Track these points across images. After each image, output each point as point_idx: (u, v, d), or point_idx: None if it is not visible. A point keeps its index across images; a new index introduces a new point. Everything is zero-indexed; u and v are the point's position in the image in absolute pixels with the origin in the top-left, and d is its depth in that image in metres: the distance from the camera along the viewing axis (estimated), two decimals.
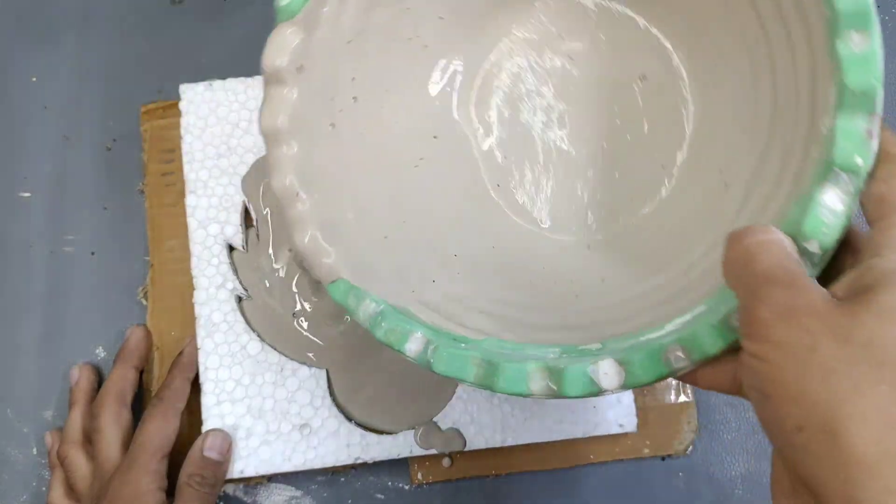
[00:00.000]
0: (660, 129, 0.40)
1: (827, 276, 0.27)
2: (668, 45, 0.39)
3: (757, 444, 0.48)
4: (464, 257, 0.39)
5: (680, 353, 0.28)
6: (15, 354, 0.49)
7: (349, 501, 0.47)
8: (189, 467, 0.43)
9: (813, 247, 0.27)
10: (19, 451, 0.48)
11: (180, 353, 0.46)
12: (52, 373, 0.49)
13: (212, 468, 0.43)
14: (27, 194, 0.51)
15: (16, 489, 0.48)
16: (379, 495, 0.47)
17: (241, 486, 0.47)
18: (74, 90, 0.52)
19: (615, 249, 0.40)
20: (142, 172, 0.50)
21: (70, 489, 0.44)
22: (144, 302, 0.49)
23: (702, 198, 0.37)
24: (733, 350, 0.28)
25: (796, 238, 0.27)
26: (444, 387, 0.46)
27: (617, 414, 0.45)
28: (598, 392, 0.29)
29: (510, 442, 0.45)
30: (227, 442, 0.44)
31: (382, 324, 0.33)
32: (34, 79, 0.53)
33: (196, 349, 0.46)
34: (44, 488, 0.47)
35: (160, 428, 0.43)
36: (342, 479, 0.47)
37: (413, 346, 0.32)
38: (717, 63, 0.37)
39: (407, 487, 0.47)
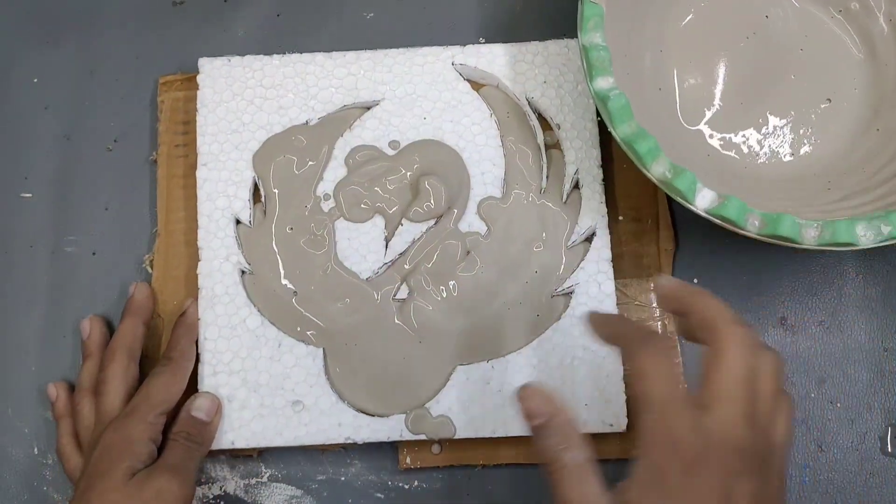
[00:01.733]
0: None
1: None
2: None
3: None
4: None
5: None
6: (15, 354, 0.49)
7: (349, 501, 0.47)
8: (177, 425, 0.44)
9: None
10: (20, 451, 0.48)
11: (182, 314, 0.47)
12: (52, 372, 0.49)
13: (199, 427, 0.44)
14: (28, 194, 0.51)
15: (16, 488, 0.48)
16: (379, 494, 0.47)
17: (242, 485, 0.47)
18: (75, 90, 0.53)
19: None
20: (155, 142, 0.51)
21: (76, 436, 0.45)
22: (150, 270, 0.49)
23: None
24: None
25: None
26: (438, 374, 0.46)
27: (606, 413, 0.45)
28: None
29: (500, 433, 0.45)
30: (214, 404, 0.45)
31: None
32: (35, 79, 0.53)
33: (197, 311, 0.46)
34: (45, 487, 0.48)
35: (167, 384, 0.44)
36: (342, 479, 0.47)
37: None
38: None
39: (407, 487, 0.47)
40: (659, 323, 0.48)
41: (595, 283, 0.47)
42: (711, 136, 0.49)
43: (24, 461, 0.48)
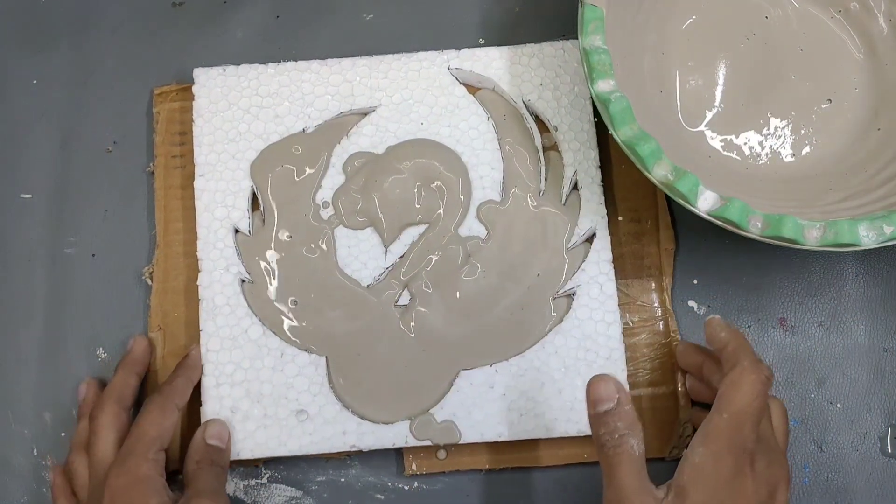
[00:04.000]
0: None
1: None
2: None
3: None
4: None
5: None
6: (16, 357, 0.49)
7: (349, 502, 0.47)
8: (195, 455, 0.44)
9: None
10: (20, 454, 0.48)
11: (186, 356, 0.46)
12: (52, 376, 0.49)
13: (216, 453, 0.44)
14: (28, 196, 0.51)
15: (17, 492, 0.48)
16: (378, 496, 0.47)
17: (241, 486, 0.47)
18: (75, 93, 0.52)
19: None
20: (152, 154, 0.51)
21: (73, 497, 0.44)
22: (149, 282, 0.49)
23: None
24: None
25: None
26: (442, 379, 0.46)
27: None
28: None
29: (505, 437, 0.45)
30: (226, 430, 0.45)
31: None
32: (35, 82, 0.53)
33: (199, 356, 0.46)
34: (45, 489, 0.48)
35: (157, 420, 0.43)
36: (342, 480, 0.47)
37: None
38: None
39: (407, 488, 0.47)
40: (661, 322, 0.48)
41: (596, 285, 0.47)
42: (713, 138, 0.49)
43: (24, 464, 0.48)
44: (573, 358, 0.46)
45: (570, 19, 0.45)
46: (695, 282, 0.49)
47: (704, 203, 0.40)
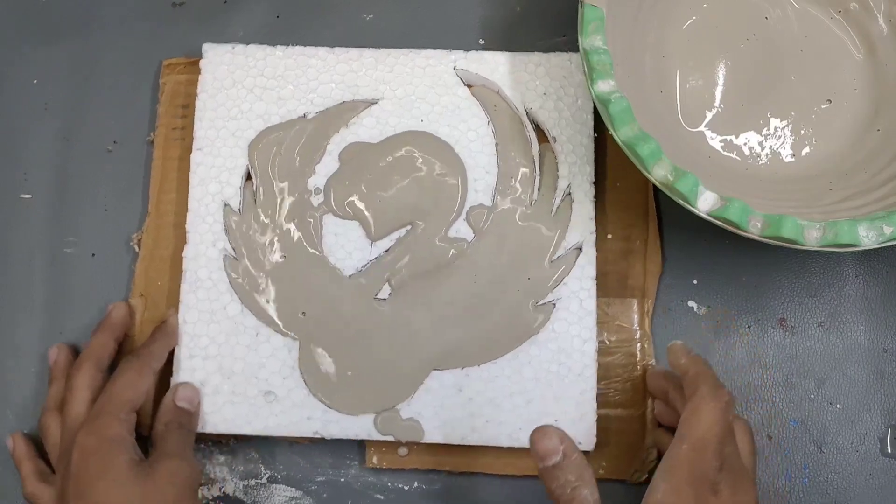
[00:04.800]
0: None
1: None
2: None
3: None
4: None
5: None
6: (15, 355, 0.49)
7: (349, 502, 0.47)
8: (164, 416, 0.44)
9: None
10: None
11: (164, 321, 0.46)
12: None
13: (185, 416, 0.44)
14: (28, 196, 0.51)
15: (16, 489, 0.47)
16: (378, 496, 0.47)
17: (241, 486, 0.47)
18: (75, 93, 0.52)
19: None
20: (153, 124, 0.51)
21: (41, 473, 0.44)
22: (137, 248, 0.49)
23: None
24: None
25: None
26: (412, 377, 0.46)
27: (576, 431, 0.44)
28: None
29: (468, 441, 0.45)
30: (196, 392, 0.45)
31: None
32: (35, 80, 0.53)
33: (177, 321, 0.46)
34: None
35: (132, 381, 0.43)
36: (342, 480, 0.47)
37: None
38: None
39: (406, 488, 0.47)
40: (638, 345, 0.48)
41: (577, 300, 0.47)
42: (713, 138, 0.49)
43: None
44: (545, 370, 0.46)
45: (570, 19, 0.45)
46: (695, 282, 0.49)
47: (704, 203, 0.40)
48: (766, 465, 0.47)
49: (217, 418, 0.45)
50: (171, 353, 0.46)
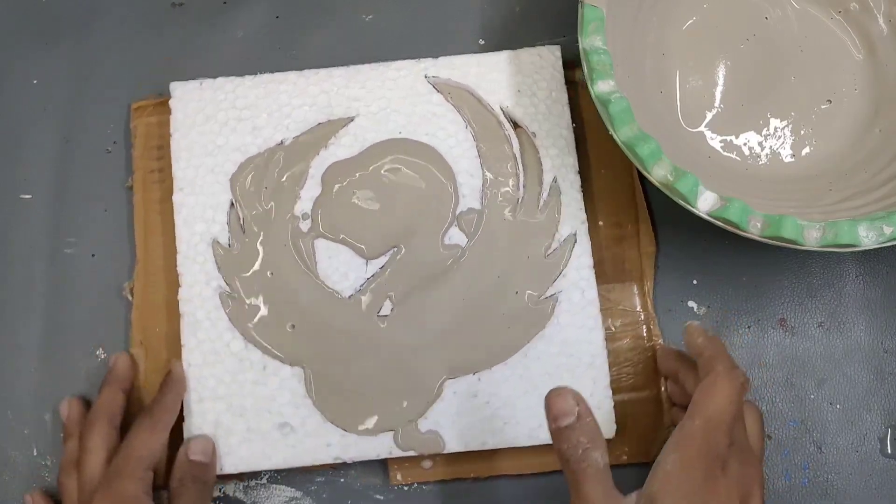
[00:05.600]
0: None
1: None
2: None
3: None
4: None
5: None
6: (15, 356, 0.49)
7: (349, 502, 0.47)
8: (178, 472, 0.44)
9: None
10: (19, 453, 0.48)
11: (169, 372, 0.46)
12: (52, 375, 0.49)
13: (200, 469, 0.44)
14: (28, 196, 0.51)
15: (16, 490, 0.48)
16: (378, 496, 0.47)
17: (241, 486, 0.47)
18: (75, 92, 0.52)
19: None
20: (131, 169, 0.50)
21: None
22: (130, 298, 0.49)
23: None
24: None
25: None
26: (425, 389, 0.46)
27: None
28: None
29: (490, 445, 0.45)
30: (210, 444, 0.45)
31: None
32: (35, 81, 0.53)
33: (182, 370, 0.46)
34: (44, 489, 0.47)
35: (146, 440, 0.43)
36: (342, 480, 0.47)
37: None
38: None
39: (407, 488, 0.47)
40: (644, 327, 0.48)
41: (578, 290, 0.47)
42: (712, 138, 0.49)
43: (23, 463, 0.48)
44: (555, 364, 0.46)
45: (570, 19, 0.45)
46: (695, 282, 0.49)
47: (704, 203, 0.40)
48: (766, 465, 0.47)
49: (234, 458, 0.45)
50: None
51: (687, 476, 0.36)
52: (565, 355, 0.46)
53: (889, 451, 0.47)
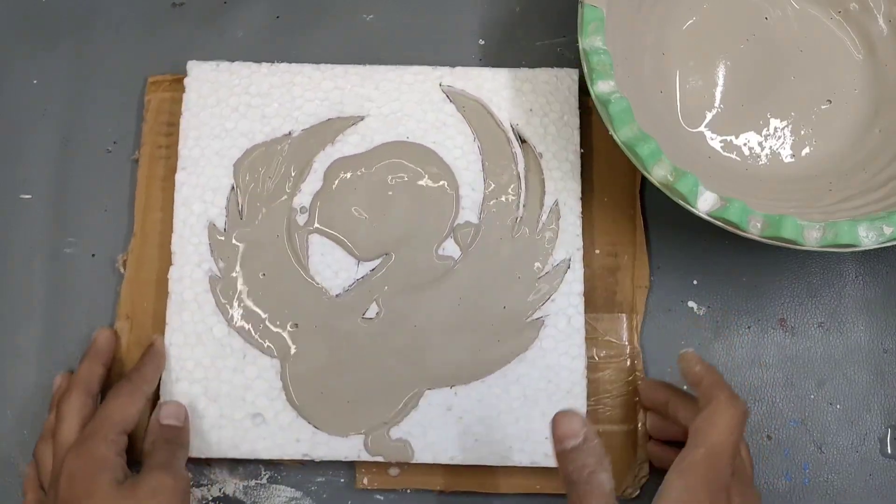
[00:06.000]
0: None
1: None
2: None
3: None
4: None
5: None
6: (15, 356, 0.49)
7: (349, 502, 0.47)
8: (151, 435, 0.44)
9: None
10: (20, 454, 0.48)
11: (151, 345, 0.46)
12: (52, 375, 0.48)
13: (172, 432, 0.44)
14: (28, 196, 0.51)
15: (17, 492, 0.48)
16: (378, 496, 0.47)
17: (241, 486, 0.47)
18: (75, 92, 0.52)
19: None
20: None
21: (40, 502, 0.44)
22: (122, 270, 0.49)
23: None
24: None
25: None
26: (400, 396, 0.45)
27: None
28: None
29: (458, 461, 0.45)
30: (182, 409, 0.45)
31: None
32: (35, 81, 0.53)
33: (163, 344, 0.46)
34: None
35: (122, 405, 0.43)
36: (342, 481, 0.47)
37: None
38: None
39: (408, 491, 0.47)
40: (627, 360, 0.47)
41: (565, 317, 0.46)
42: (713, 139, 0.49)
43: (23, 463, 0.48)
44: (533, 388, 0.45)
45: (570, 19, 0.45)
46: (695, 282, 0.49)
47: (704, 203, 0.40)
48: (767, 465, 0.47)
49: (203, 443, 0.45)
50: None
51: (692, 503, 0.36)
52: (545, 380, 0.45)
53: (889, 451, 0.47)
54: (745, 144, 0.49)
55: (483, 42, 0.53)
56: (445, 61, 0.51)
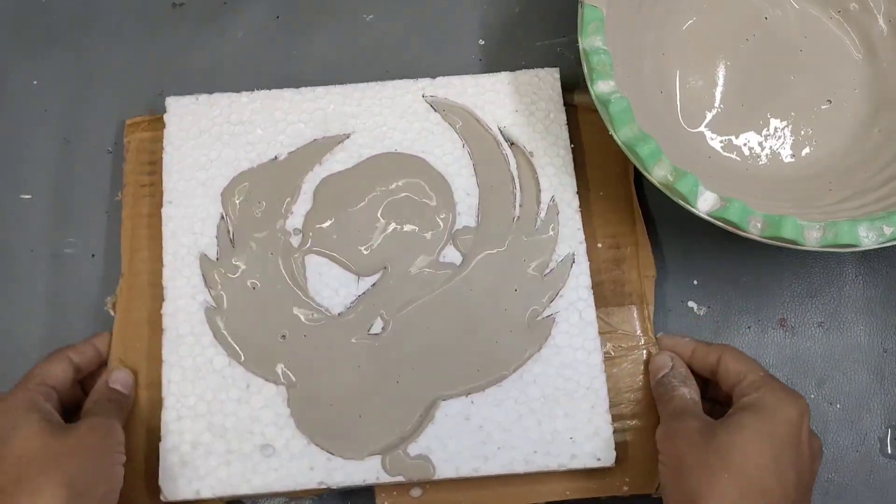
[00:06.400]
0: None
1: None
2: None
3: None
4: None
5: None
6: (15, 356, 0.49)
7: (349, 502, 0.47)
8: (95, 395, 0.44)
9: None
10: None
11: (100, 332, 0.47)
12: None
13: (118, 395, 0.44)
14: (28, 196, 0.51)
15: None
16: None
17: None
18: (75, 93, 0.52)
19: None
20: (121, 182, 0.50)
21: None
22: (112, 312, 0.48)
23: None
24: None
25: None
26: (415, 411, 0.44)
27: (594, 447, 0.44)
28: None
29: (482, 472, 0.43)
30: (130, 378, 0.45)
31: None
32: (35, 82, 0.53)
33: (109, 336, 0.46)
34: None
35: (45, 363, 0.44)
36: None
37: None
38: None
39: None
40: (644, 351, 0.47)
41: (576, 311, 0.46)
42: (713, 139, 0.49)
43: None
44: (552, 387, 0.44)
45: (570, 19, 0.45)
46: (695, 282, 0.49)
47: (704, 204, 0.40)
48: None
49: (213, 480, 0.43)
50: (158, 423, 0.44)
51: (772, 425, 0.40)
52: (563, 378, 0.45)
53: (889, 451, 0.47)
54: (745, 144, 0.49)
55: (483, 42, 0.53)
56: (445, 62, 0.51)
